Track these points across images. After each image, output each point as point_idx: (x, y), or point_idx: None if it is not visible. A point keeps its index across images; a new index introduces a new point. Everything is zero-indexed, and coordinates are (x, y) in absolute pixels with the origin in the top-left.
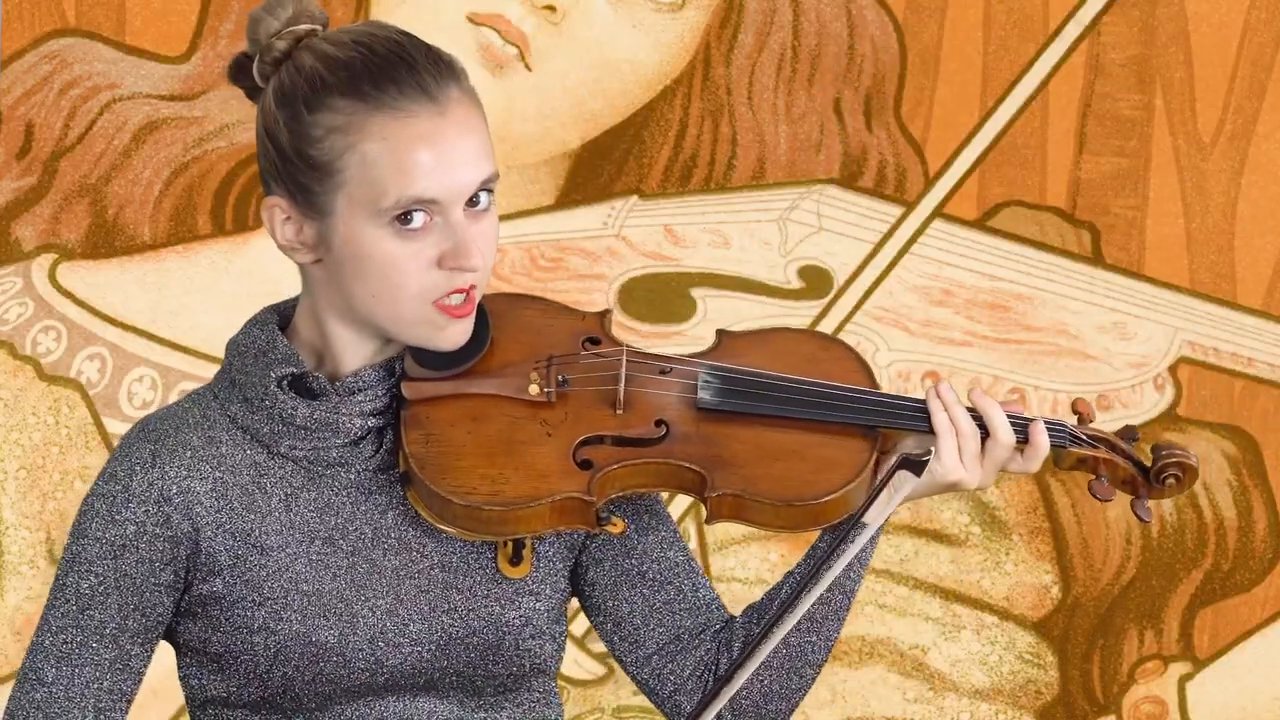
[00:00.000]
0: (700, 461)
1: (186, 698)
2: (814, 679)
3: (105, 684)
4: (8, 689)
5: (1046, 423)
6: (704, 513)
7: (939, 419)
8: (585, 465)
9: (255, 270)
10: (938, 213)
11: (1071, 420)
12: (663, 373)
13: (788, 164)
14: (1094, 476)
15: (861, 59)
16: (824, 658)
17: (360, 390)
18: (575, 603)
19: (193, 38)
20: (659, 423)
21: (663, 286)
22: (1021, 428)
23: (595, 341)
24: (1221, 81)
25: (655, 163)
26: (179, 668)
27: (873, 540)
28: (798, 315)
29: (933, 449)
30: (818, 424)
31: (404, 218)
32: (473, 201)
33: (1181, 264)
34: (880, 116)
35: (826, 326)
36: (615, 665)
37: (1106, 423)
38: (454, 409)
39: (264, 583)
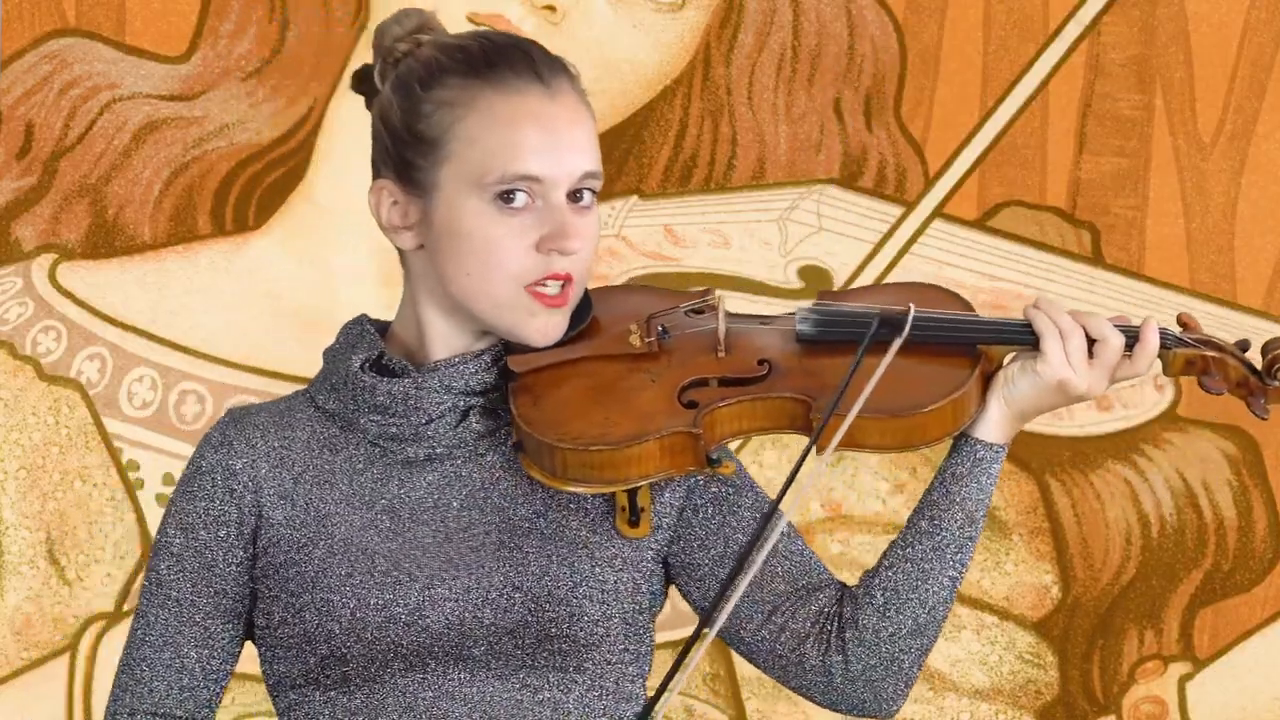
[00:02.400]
0: (804, 390)
1: (268, 690)
2: (944, 615)
3: (190, 662)
4: (9, 689)
5: None
6: (812, 447)
7: (1039, 320)
8: (691, 405)
9: (255, 270)
10: (938, 213)
11: (1176, 329)
12: (763, 323)
13: (788, 164)
14: (1204, 374)
15: (861, 59)
16: (951, 590)
17: (443, 369)
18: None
19: (193, 38)
20: (762, 361)
21: (663, 286)
22: (1129, 331)
23: (695, 311)
24: (1221, 81)
25: (655, 163)
26: (259, 660)
27: (992, 457)
28: None
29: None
30: (917, 346)
31: (506, 196)
32: (576, 196)
33: (1181, 264)
34: (880, 116)
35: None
36: None
37: (1106, 423)
38: (560, 373)
39: (316, 546)
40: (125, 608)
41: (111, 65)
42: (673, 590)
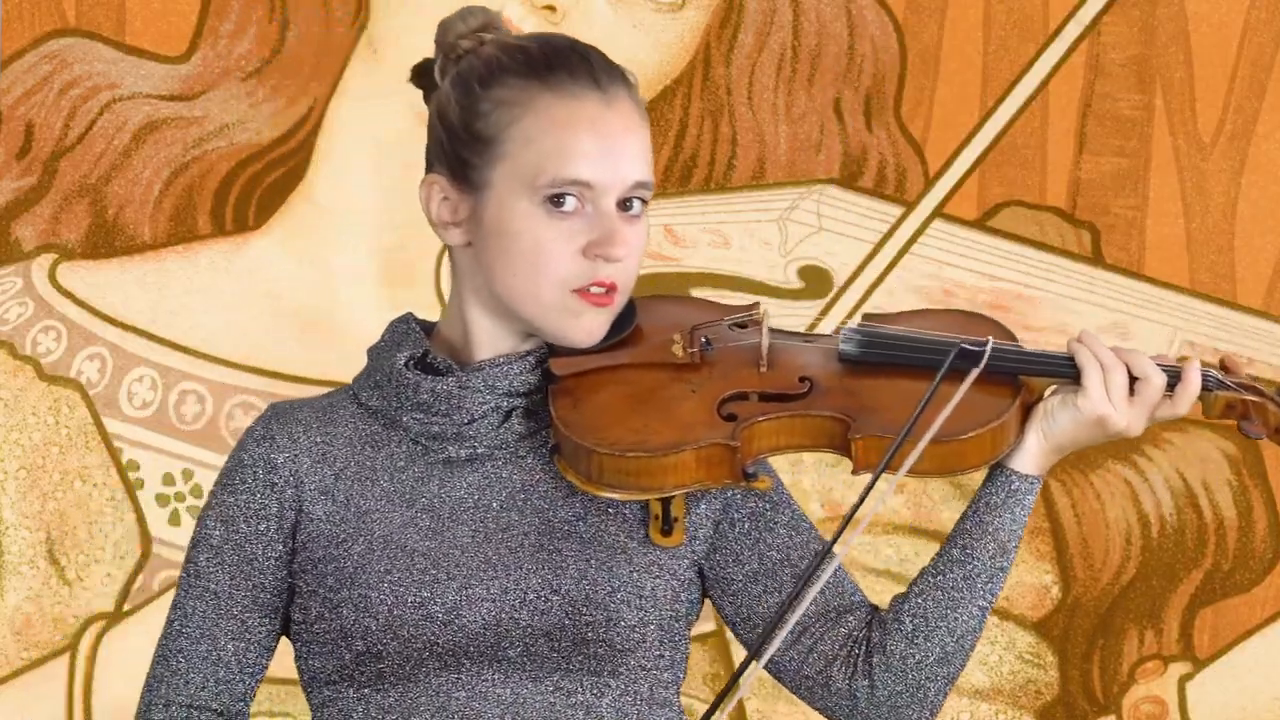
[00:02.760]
0: (844, 410)
1: (302, 685)
2: (972, 643)
3: (226, 655)
4: (9, 689)
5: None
6: (849, 465)
7: (1082, 355)
8: (730, 418)
9: (255, 270)
10: (938, 213)
11: (1217, 371)
12: (806, 341)
13: (788, 164)
14: (1243, 419)
15: (861, 59)
16: (980, 620)
17: (487, 369)
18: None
19: (193, 38)
20: (803, 379)
21: (663, 287)
22: (1172, 370)
23: (738, 322)
24: (1221, 81)
25: (655, 163)
26: (294, 655)
27: (1027, 489)
28: (798, 315)
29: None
30: (959, 373)
31: (557, 199)
32: (626, 205)
33: (1181, 264)
34: (880, 116)
35: (826, 327)
36: None
37: None
38: (601, 378)
39: (355, 542)
40: (125, 608)
41: (111, 65)
42: None
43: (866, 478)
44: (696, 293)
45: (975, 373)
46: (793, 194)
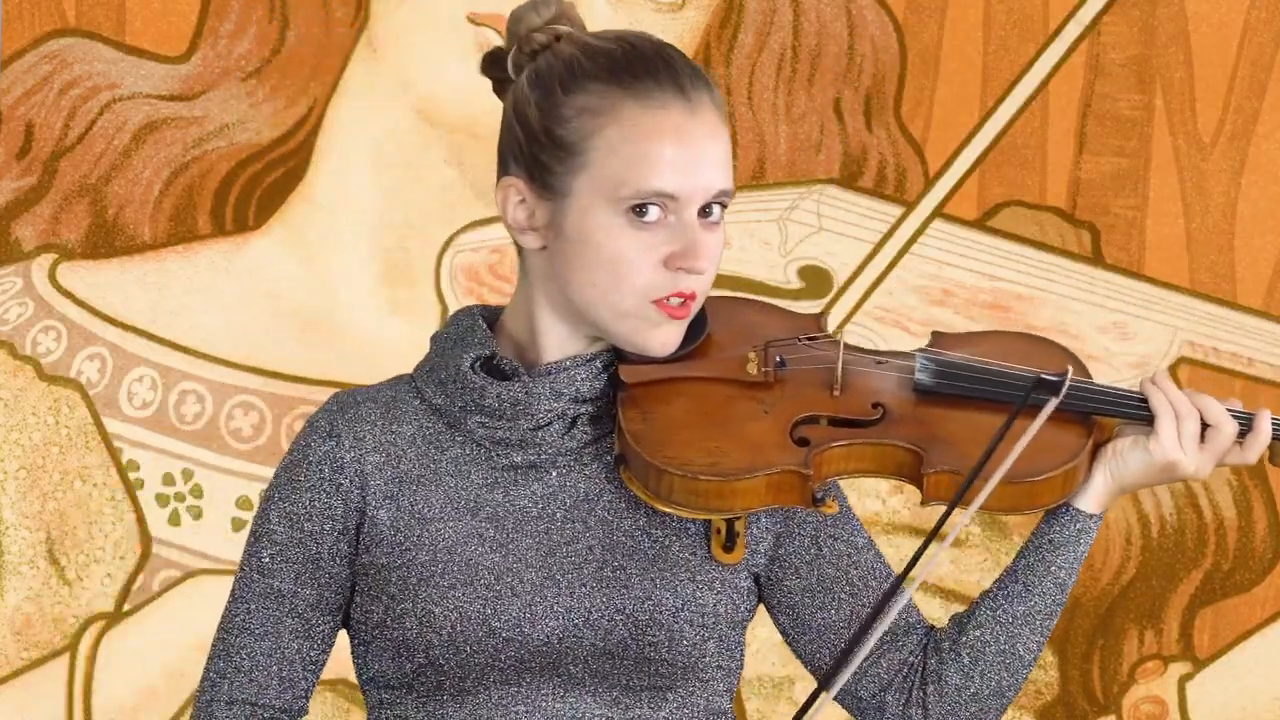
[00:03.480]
0: (917, 441)
1: (359, 681)
2: (1026, 676)
3: (290, 653)
4: (9, 689)
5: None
6: (920, 495)
7: (1156, 399)
8: (802, 443)
9: (255, 270)
10: (938, 213)
11: None
12: (879, 363)
13: (788, 164)
14: None
15: (861, 59)
16: (1036, 654)
17: (554, 374)
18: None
19: (193, 38)
20: (876, 405)
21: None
22: (1243, 419)
23: (812, 338)
24: (1221, 81)
25: None
26: (351, 651)
27: (1090, 528)
28: None
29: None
30: (1033, 409)
31: (640, 209)
32: (706, 211)
33: (1181, 264)
34: (880, 116)
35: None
36: None
37: None
38: (672, 390)
39: (420, 551)
40: (125, 608)
41: (111, 65)
42: None
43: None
44: None
45: (1051, 406)
46: (793, 194)
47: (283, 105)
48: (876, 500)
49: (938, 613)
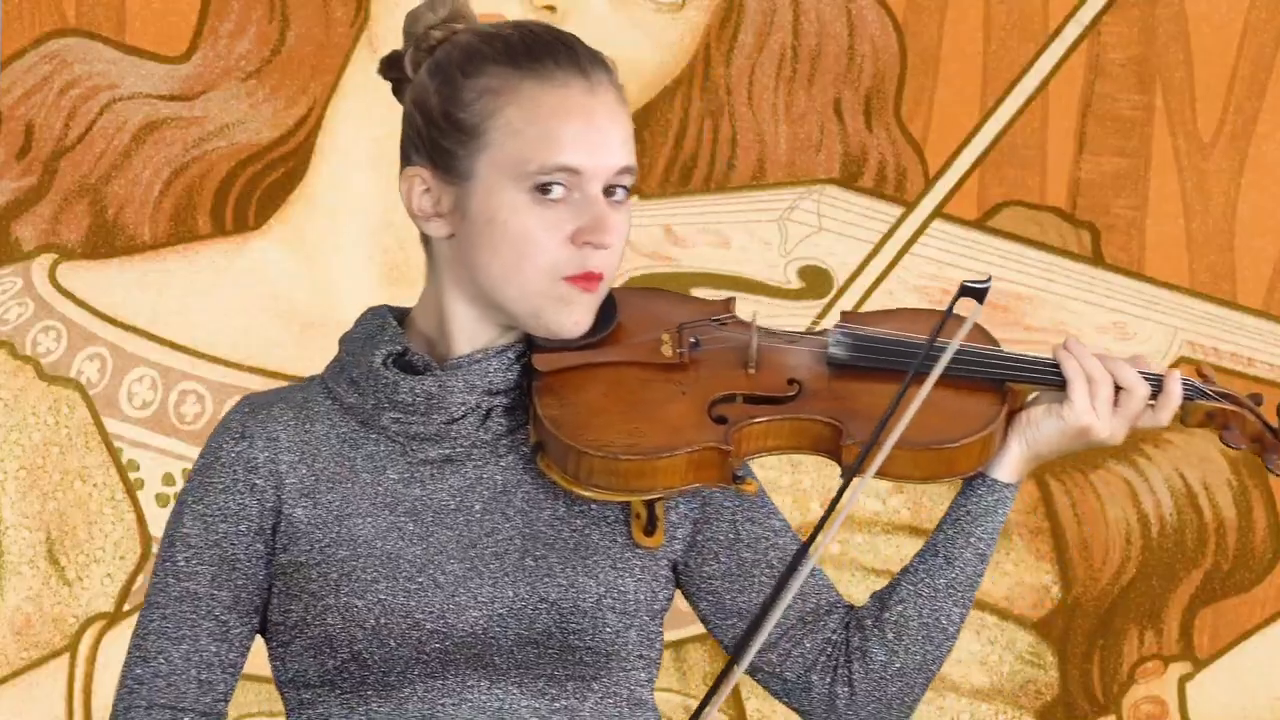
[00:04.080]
0: (834, 414)
1: (277, 685)
2: (950, 648)
3: (208, 655)
4: (9, 689)
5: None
6: (839, 470)
7: (1069, 365)
8: (721, 420)
9: (255, 270)
10: (938, 213)
11: (1197, 380)
12: (792, 341)
13: (788, 164)
14: (1224, 429)
15: (861, 59)
16: (959, 626)
17: (466, 366)
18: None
19: (193, 38)
20: (791, 381)
21: (663, 287)
22: (1154, 380)
23: (724, 321)
24: (1221, 81)
25: (655, 163)
26: (269, 654)
27: (1007, 497)
28: (798, 315)
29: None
30: (947, 379)
31: (544, 187)
32: (610, 192)
33: (1181, 264)
34: (880, 116)
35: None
36: None
37: None
38: (587, 376)
39: (340, 547)
40: (125, 608)
41: (111, 65)
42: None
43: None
44: (697, 293)
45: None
46: (793, 194)
47: (283, 105)
48: (877, 500)
49: None
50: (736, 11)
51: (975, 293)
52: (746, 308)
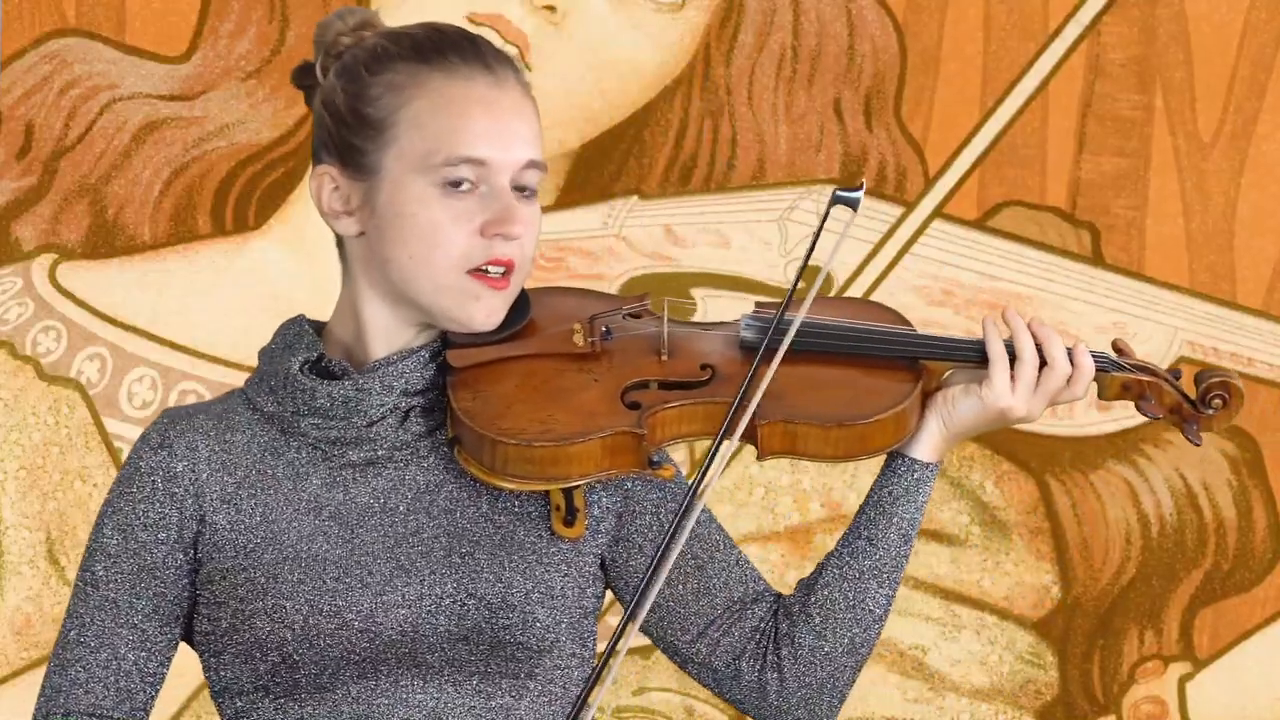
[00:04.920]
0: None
1: (212, 695)
2: (878, 631)
3: (126, 664)
4: (9, 689)
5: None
6: (755, 451)
7: (993, 345)
8: (634, 406)
9: (255, 270)
10: (938, 213)
11: (1112, 353)
12: (704, 329)
13: (788, 164)
14: (1140, 399)
15: (861, 59)
16: (886, 608)
17: (382, 369)
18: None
19: (193, 38)
20: (704, 366)
21: (663, 286)
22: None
23: (635, 314)
24: (1221, 81)
25: (655, 163)
26: (202, 665)
27: (927, 477)
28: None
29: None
30: (859, 358)
31: (451, 179)
32: (519, 187)
33: (1181, 264)
34: (880, 116)
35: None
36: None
37: (1106, 423)
38: (501, 369)
39: (264, 552)
40: None
41: (111, 65)
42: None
43: (865, 473)
44: (697, 293)
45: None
46: (793, 194)
47: (283, 105)
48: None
49: (938, 612)
50: (736, 11)
51: (848, 201)
52: (746, 308)
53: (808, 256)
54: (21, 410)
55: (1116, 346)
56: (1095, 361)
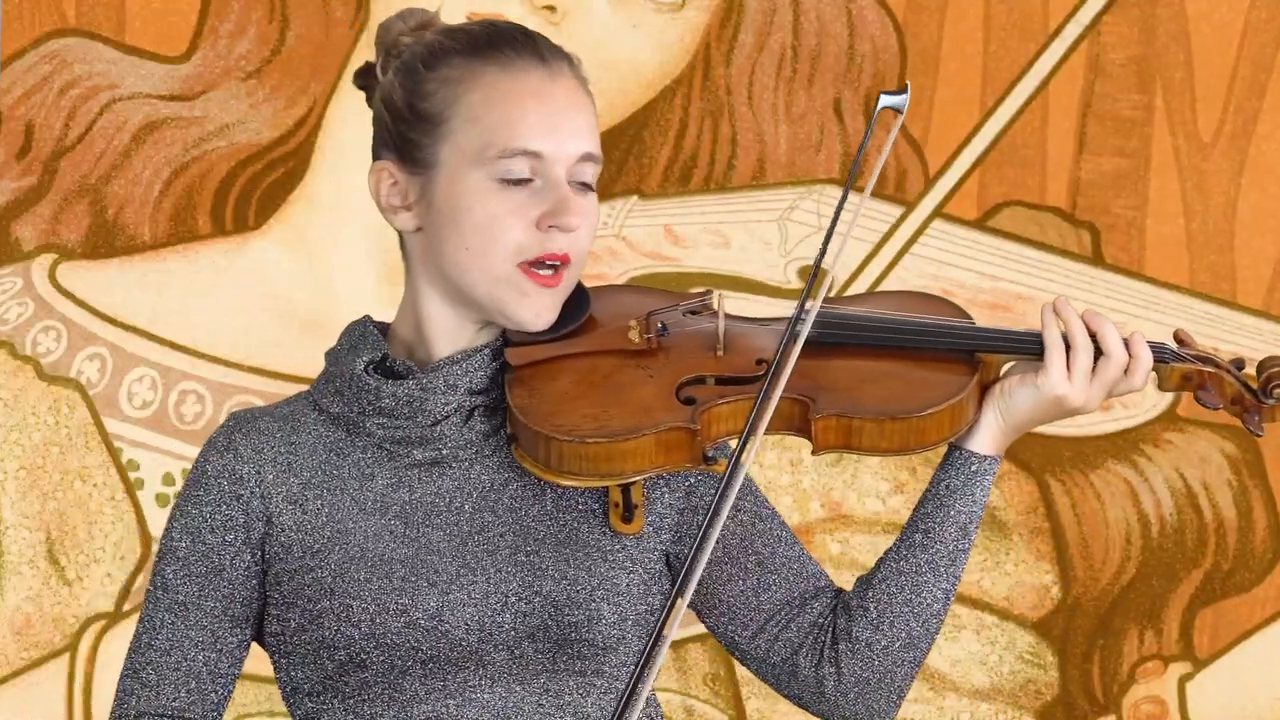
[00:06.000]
0: (802, 391)
1: (283, 697)
2: (938, 626)
3: (196, 665)
4: (9, 689)
5: (1149, 341)
6: (810, 446)
7: (1050, 332)
8: (689, 402)
9: (255, 270)
10: (938, 213)
11: (1173, 344)
12: (761, 324)
13: (788, 164)
14: (1200, 389)
15: (861, 59)
16: (945, 603)
17: (446, 368)
18: None
19: (193, 38)
20: (759, 362)
21: (663, 286)
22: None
23: (692, 308)
24: (1221, 81)
25: (655, 163)
26: (273, 666)
27: (986, 469)
28: None
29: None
30: (916, 351)
31: (507, 171)
32: (575, 180)
33: (1181, 264)
34: (880, 116)
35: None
36: None
37: (1106, 423)
38: (557, 367)
39: (332, 552)
40: (125, 608)
41: (111, 65)
42: None
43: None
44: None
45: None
46: (793, 194)
47: (283, 105)
48: (877, 500)
49: None
50: (736, 11)
51: (894, 105)
52: (746, 307)
53: (854, 168)
54: (21, 410)
55: (1178, 337)
56: (1154, 352)
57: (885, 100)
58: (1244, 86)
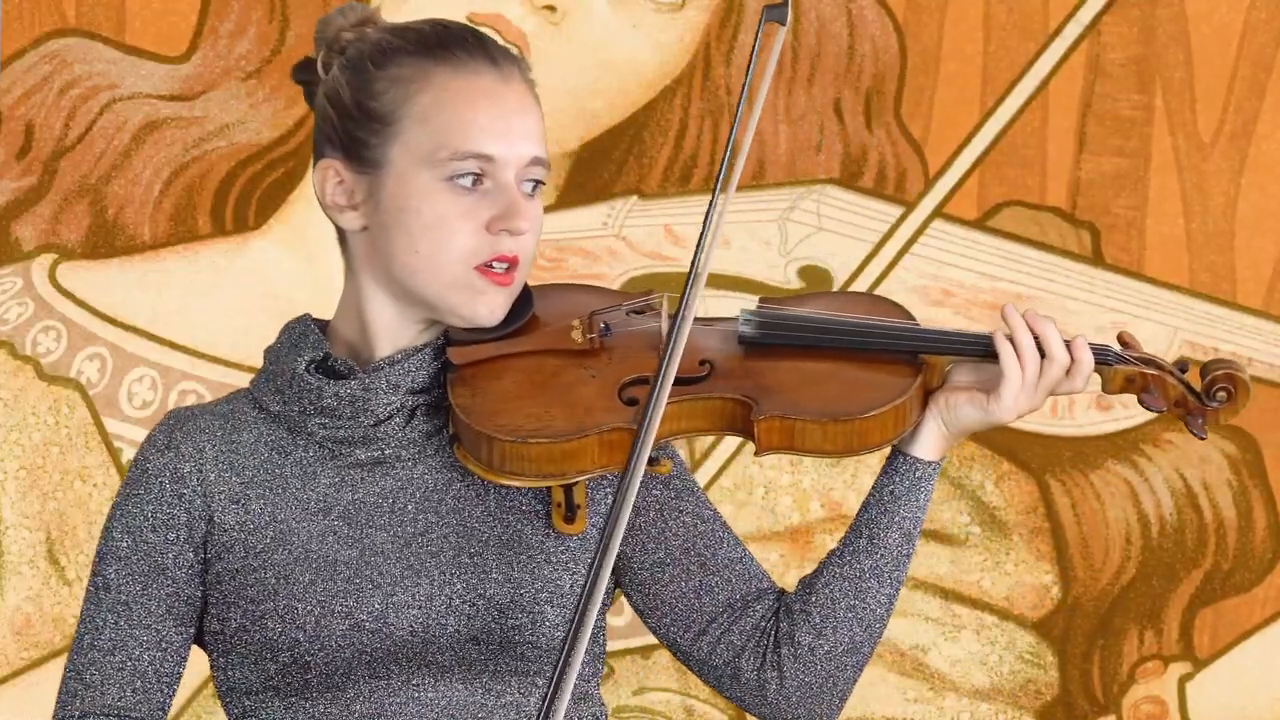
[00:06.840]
0: (745, 391)
1: (219, 694)
2: (880, 631)
3: (142, 665)
4: (9, 689)
5: (1091, 343)
6: (754, 447)
7: (1006, 359)
8: (631, 402)
9: (255, 270)
10: (938, 213)
11: (1116, 346)
12: (704, 324)
13: (788, 164)
14: (1144, 392)
15: (861, 59)
16: (888, 608)
17: (388, 368)
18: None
19: (193, 38)
20: (703, 362)
21: (662, 286)
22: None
23: (637, 310)
24: (1221, 81)
25: (655, 163)
26: (210, 664)
27: (929, 475)
28: None
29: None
30: (859, 353)
31: (458, 175)
32: (524, 183)
33: (1181, 264)
34: (880, 116)
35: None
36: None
37: (1106, 423)
38: (499, 366)
39: (275, 552)
40: None
41: (111, 65)
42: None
43: (858, 474)
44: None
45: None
46: (793, 194)
47: (283, 105)
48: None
49: (938, 612)
50: (736, 11)
51: (777, 14)
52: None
53: (745, 86)
54: (21, 410)
55: (1122, 339)
56: (1095, 354)
57: (769, 14)
58: (1244, 86)
